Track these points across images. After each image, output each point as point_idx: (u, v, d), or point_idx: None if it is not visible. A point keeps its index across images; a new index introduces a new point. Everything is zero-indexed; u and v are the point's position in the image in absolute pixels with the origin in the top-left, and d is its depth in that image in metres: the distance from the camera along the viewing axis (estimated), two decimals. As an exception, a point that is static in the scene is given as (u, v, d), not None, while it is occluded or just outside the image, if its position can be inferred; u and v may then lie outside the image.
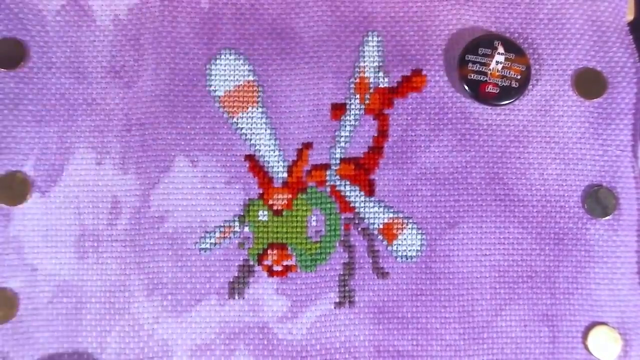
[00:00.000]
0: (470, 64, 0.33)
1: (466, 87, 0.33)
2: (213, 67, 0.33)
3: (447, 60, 0.34)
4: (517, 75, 0.33)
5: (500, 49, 0.33)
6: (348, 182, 0.33)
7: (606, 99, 0.34)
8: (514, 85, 0.33)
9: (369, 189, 0.33)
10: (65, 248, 0.32)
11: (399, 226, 0.33)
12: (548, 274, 0.33)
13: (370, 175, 0.33)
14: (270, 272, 0.32)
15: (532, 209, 0.33)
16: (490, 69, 0.33)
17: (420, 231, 0.33)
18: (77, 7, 0.33)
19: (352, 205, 0.33)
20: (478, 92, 0.33)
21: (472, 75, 0.33)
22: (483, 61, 0.33)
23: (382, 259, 0.33)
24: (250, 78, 0.33)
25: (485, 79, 0.33)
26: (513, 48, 0.33)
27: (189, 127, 0.33)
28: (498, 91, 0.33)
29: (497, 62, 0.33)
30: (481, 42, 0.33)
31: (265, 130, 0.33)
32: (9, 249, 0.32)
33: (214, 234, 0.32)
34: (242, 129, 0.33)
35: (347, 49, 0.34)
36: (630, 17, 0.34)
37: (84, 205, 0.32)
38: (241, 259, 0.32)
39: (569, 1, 0.34)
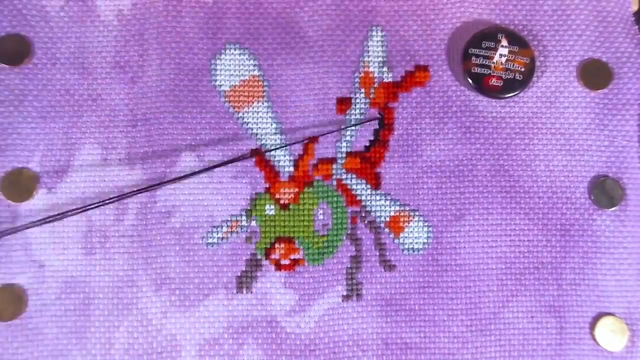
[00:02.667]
0: (474, 58, 0.33)
1: (470, 81, 0.33)
2: (218, 62, 0.33)
3: (451, 54, 0.34)
4: (521, 68, 0.33)
5: (504, 42, 0.33)
6: (354, 176, 0.33)
7: (612, 89, 0.34)
8: (517, 77, 0.33)
9: (375, 182, 0.33)
10: (73, 244, 0.32)
11: (405, 219, 0.33)
12: (555, 265, 0.33)
13: (376, 168, 0.33)
14: (278, 266, 0.32)
15: (539, 201, 0.33)
16: (493, 62, 0.33)
17: (426, 224, 0.33)
18: (80, 2, 0.33)
19: (358, 198, 0.33)
20: (482, 86, 0.33)
21: (476, 68, 0.33)
22: (487, 54, 0.33)
23: (389, 251, 0.33)
24: (256, 73, 0.33)
25: (488, 72, 0.33)
26: (517, 41, 0.33)
27: (194, 122, 0.33)
28: (502, 84, 0.33)
29: (501, 55, 0.33)
30: (485, 35, 0.33)
31: (271, 124, 0.33)
32: (16, 245, 0.32)
33: (221, 228, 0.32)
34: (247, 123, 0.33)
35: (352, 43, 0.34)
36: (635, 7, 0.34)
37: (91, 201, 0.32)
38: (249, 253, 0.32)
39: (574, -8, 0.34)
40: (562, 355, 0.32)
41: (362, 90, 0.34)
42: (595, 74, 0.34)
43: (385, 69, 0.34)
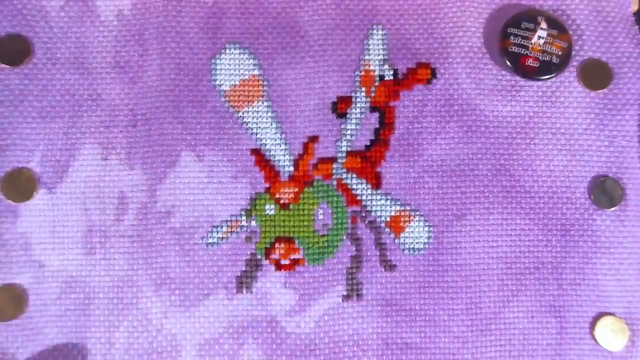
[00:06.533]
0: (512, 37, 0.33)
1: (506, 59, 0.33)
2: (218, 61, 0.33)
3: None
4: (558, 51, 0.33)
5: (544, 25, 0.33)
6: (354, 175, 0.33)
7: (612, 89, 0.34)
8: (554, 60, 0.33)
9: (376, 182, 0.33)
10: (73, 244, 0.32)
11: (406, 219, 0.33)
12: (555, 265, 0.33)
13: (376, 167, 0.33)
14: (278, 266, 0.32)
15: (539, 200, 0.33)
16: (531, 43, 0.33)
17: (427, 224, 0.33)
18: (80, 2, 0.33)
19: (358, 198, 0.33)
20: (518, 65, 0.33)
21: (513, 47, 0.33)
22: (525, 35, 0.33)
23: (390, 251, 0.33)
24: (256, 72, 0.33)
25: (525, 52, 0.33)
26: (556, 25, 0.33)
27: (194, 121, 0.33)
28: (538, 65, 0.33)
29: (539, 37, 0.33)
30: (523, 17, 0.33)
31: (271, 124, 0.33)
32: (16, 245, 0.32)
33: (221, 228, 0.32)
34: (247, 123, 0.33)
35: (352, 42, 0.34)
36: (635, 7, 0.34)
37: (91, 201, 0.32)
38: (248, 253, 0.32)
39: (574, -8, 0.34)
40: (562, 355, 0.32)
41: (363, 89, 0.34)
42: (595, 74, 0.34)
43: (386, 66, 0.34)
